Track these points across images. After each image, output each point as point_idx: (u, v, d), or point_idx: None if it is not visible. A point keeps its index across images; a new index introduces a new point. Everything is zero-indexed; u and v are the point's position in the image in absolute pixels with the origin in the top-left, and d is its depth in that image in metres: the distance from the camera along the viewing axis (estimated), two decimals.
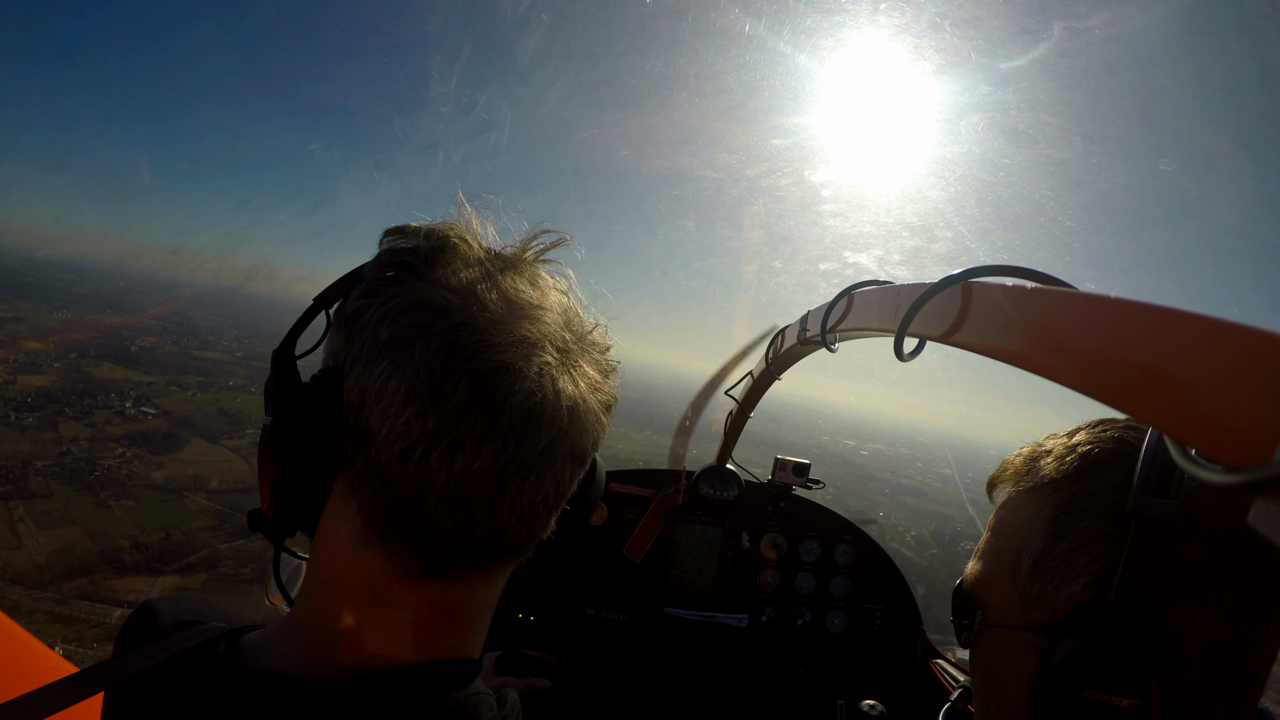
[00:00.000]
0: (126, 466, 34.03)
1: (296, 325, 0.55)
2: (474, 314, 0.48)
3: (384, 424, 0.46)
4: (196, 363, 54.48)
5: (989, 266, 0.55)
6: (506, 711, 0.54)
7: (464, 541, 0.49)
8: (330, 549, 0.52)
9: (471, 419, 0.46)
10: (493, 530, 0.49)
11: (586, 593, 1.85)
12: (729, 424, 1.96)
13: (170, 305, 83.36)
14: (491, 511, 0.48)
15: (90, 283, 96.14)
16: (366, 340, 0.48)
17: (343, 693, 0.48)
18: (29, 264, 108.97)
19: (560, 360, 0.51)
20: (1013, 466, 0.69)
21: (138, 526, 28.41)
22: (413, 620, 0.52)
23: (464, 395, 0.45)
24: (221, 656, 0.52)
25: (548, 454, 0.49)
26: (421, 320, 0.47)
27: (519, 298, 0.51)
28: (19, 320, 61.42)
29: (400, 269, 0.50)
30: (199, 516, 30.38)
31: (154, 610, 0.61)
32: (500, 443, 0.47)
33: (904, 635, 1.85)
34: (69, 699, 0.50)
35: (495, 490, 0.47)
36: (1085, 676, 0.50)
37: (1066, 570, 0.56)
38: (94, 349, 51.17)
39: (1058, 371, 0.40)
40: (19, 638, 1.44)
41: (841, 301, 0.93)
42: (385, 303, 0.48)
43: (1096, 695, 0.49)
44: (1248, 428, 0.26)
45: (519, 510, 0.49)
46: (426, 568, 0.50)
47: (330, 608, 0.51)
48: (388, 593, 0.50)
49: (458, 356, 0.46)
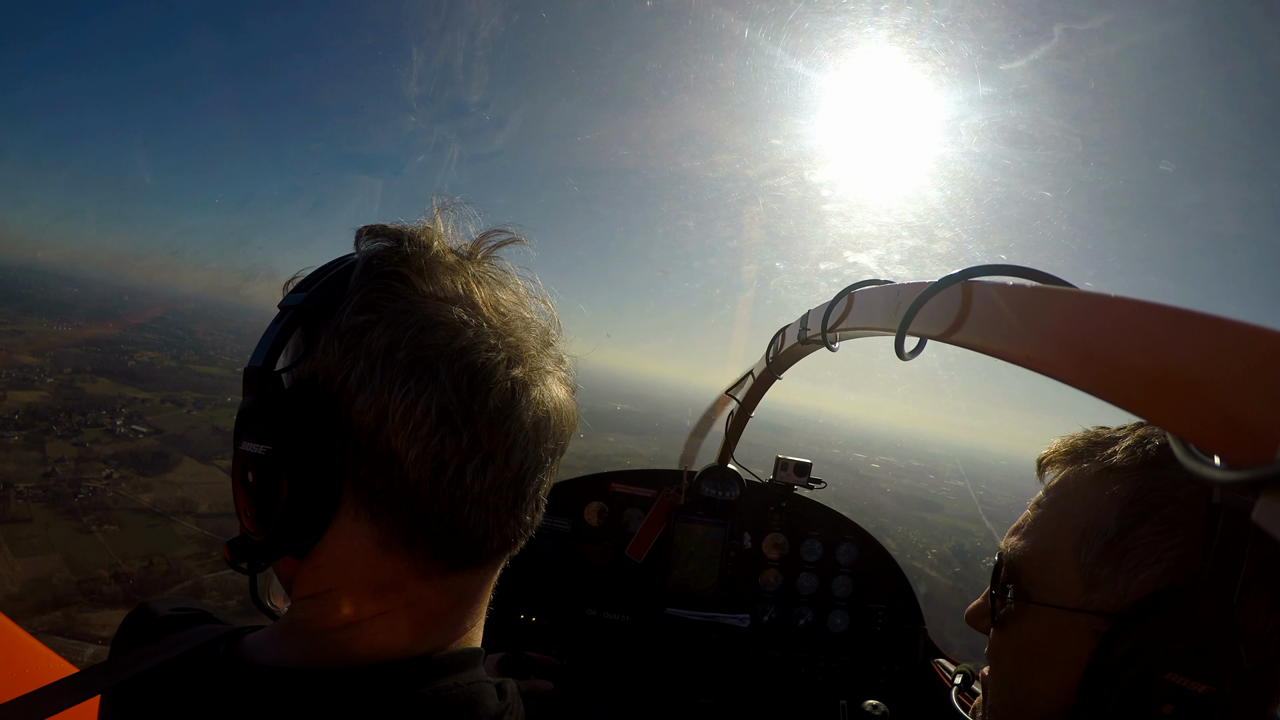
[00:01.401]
0: (113, 489, 32.96)
1: (276, 341, 0.52)
2: (481, 330, 0.51)
3: (413, 446, 0.48)
4: (195, 378, 53.80)
5: (989, 266, 0.56)
6: (509, 702, 0.55)
7: (494, 540, 0.53)
8: (338, 558, 0.51)
9: (500, 433, 0.50)
10: (515, 526, 0.55)
11: (588, 594, 1.85)
12: (730, 424, 1.96)
13: (160, 310, 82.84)
14: (515, 511, 0.54)
15: (92, 294, 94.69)
16: (376, 360, 0.48)
17: (349, 682, 0.49)
18: (30, 273, 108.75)
19: (546, 363, 0.56)
20: (1071, 446, 0.68)
21: (119, 554, 27.29)
22: (432, 612, 0.54)
23: (492, 413, 0.49)
24: (224, 655, 0.52)
25: (553, 454, 0.56)
26: (437, 340, 0.49)
27: (503, 305, 0.55)
28: (18, 334, 60.34)
29: (392, 279, 0.50)
30: (185, 543, 29.23)
31: (151, 610, 0.61)
32: (523, 451, 0.52)
33: (906, 635, 1.85)
34: (70, 700, 0.50)
35: (519, 493, 0.53)
36: (1167, 660, 0.51)
37: (1145, 555, 0.56)
38: (90, 364, 50.77)
39: (1059, 370, 0.40)
40: (19, 639, 1.43)
41: (842, 301, 0.93)
42: (394, 322, 0.48)
43: (1177, 679, 0.50)
44: (1251, 425, 0.26)
45: (534, 505, 0.56)
46: (451, 564, 0.52)
47: (343, 607, 0.51)
48: (411, 589, 0.52)
49: (480, 376, 0.49)
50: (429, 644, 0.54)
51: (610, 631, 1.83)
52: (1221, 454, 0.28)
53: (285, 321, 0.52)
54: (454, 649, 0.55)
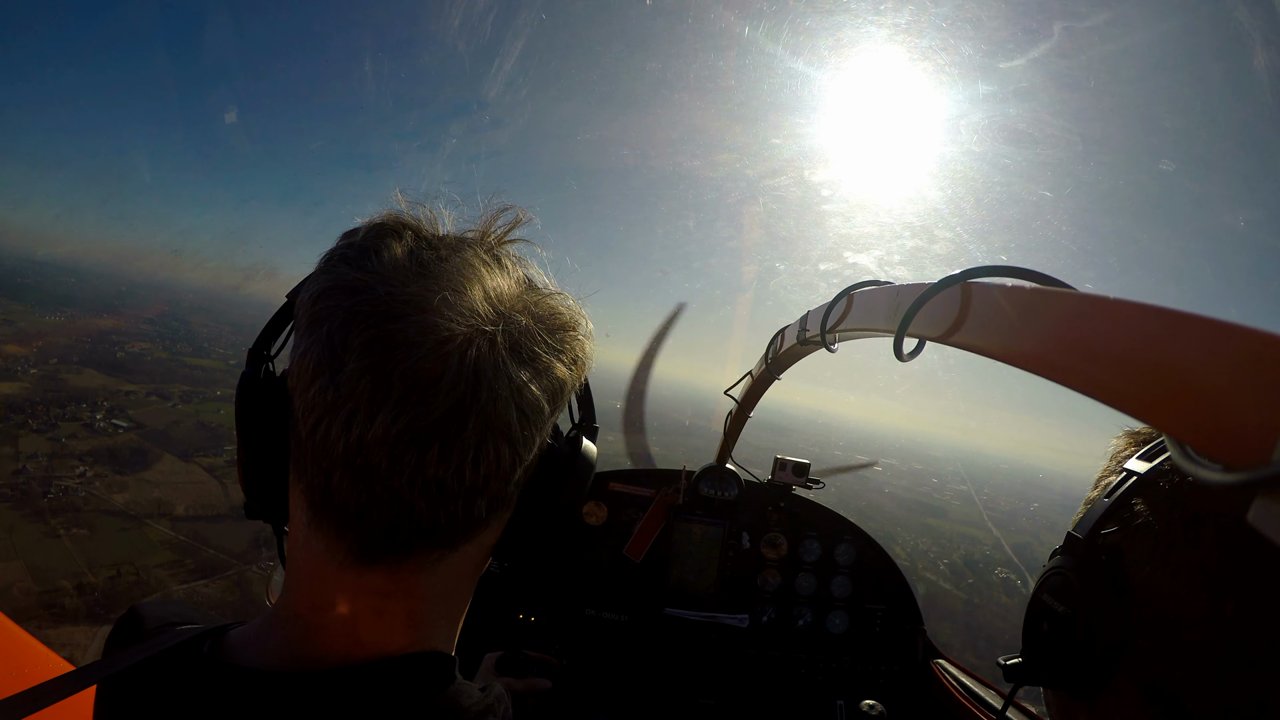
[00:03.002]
0: (85, 488, 30.59)
1: (270, 322, 0.60)
2: (380, 290, 0.47)
3: (299, 400, 0.49)
4: (185, 370, 51.61)
5: (988, 267, 0.56)
6: (490, 700, 0.53)
7: (372, 519, 0.48)
8: (291, 538, 0.53)
9: (363, 385, 0.45)
10: (400, 509, 0.47)
11: (587, 593, 1.85)
12: (729, 423, 1.97)
13: (160, 308, 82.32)
14: (392, 487, 0.46)
15: (90, 286, 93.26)
16: (298, 328, 0.51)
17: (317, 686, 0.49)
18: (28, 264, 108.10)
19: (484, 333, 0.48)
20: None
21: (86, 562, 24.98)
22: (370, 610, 0.51)
23: (355, 363, 0.45)
24: (205, 654, 0.53)
25: (449, 424, 0.46)
26: (334, 301, 0.48)
27: (446, 273, 0.50)
28: (8, 324, 58.66)
29: (337, 261, 0.51)
30: (157, 549, 27.09)
31: (141, 614, 0.62)
32: (393, 410, 0.45)
33: (905, 635, 1.85)
34: (60, 695, 0.51)
35: (391, 461, 0.45)
36: (1045, 584, 0.60)
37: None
38: (78, 354, 48.50)
39: (1057, 372, 0.41)
40: (18, 637, 1.44)
41: (841, 302, 0.93)
42: (310, 290, 0.50)
43: (1048, 599, 0.59)
44: (1246, 426, 0.26)
45: (422, 486, 0.47)
46: (358, 552, 0.49)
47: (297, 600, 0.52)
48: (333, 580, 0.50)
49: (356, 327, 0.46)
50: (386, 646, 0.51)
51: (609, 631, 1.83)
52: (1218, 456, 0.28)
53: (281, 307, 0.59)
54: (418, 652, 0.52)
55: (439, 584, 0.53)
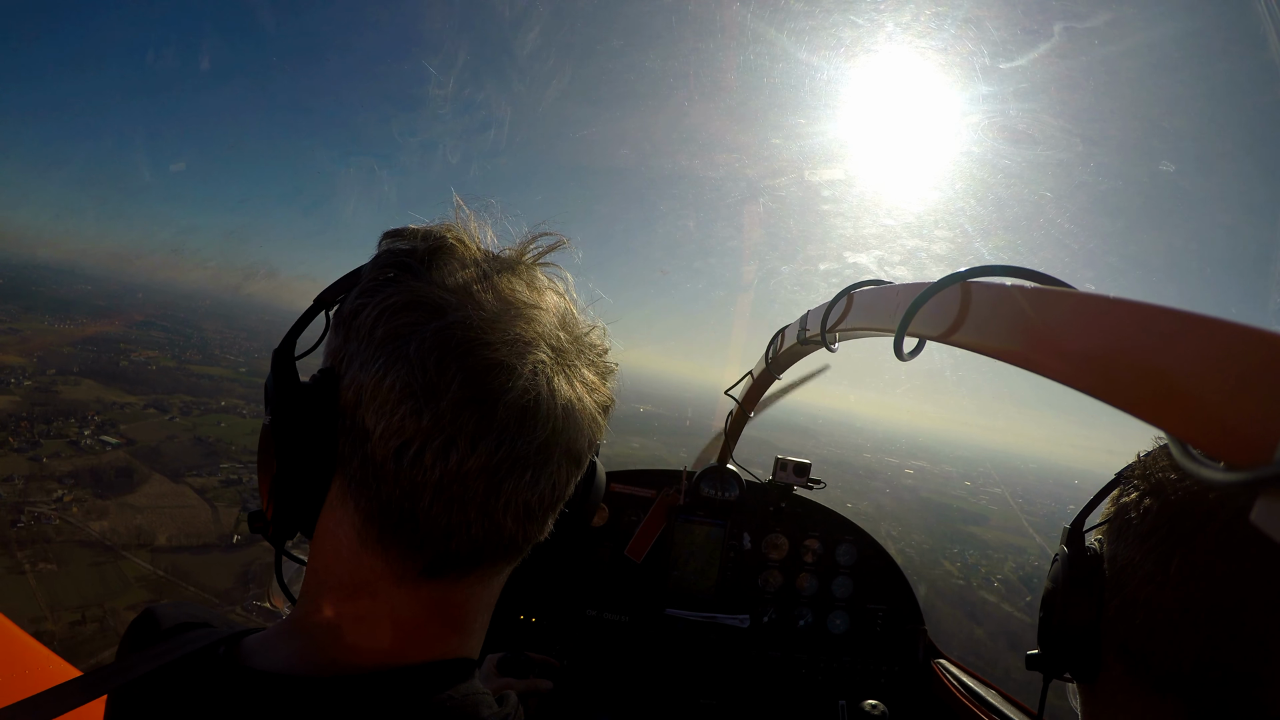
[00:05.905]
0: (61, 515, 27.50)
1: (296, 325, 0.56)
2: (469, 312, 0.48)
3: (379, 421, 0.46)
4: (191, 380, 49.47)
5: (988, 266, 0.56)
6: (508, 710, 0.54)
7: (459, 540, 0.49)
8: (329, 549, 0.52)
9: (466, 416, 0.46)
10: (489, 530, 0.49)
11: (588, 594, 1.85)
12: (729, 424, 1.96)
13: (159, 308, 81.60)
14: (486, 510, 0.48)
15: (104, 294, 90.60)
16: (363, 339, 0.49)
17: (340, 691, 0.49)
18: (31, 269, 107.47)
19: (555, 360, 0.51)
20: None
21: (49, 602, 22.25)
22: (411, 621, 0.52)
23: (458, 392, 0.46)
24: (222, 658, 0.53)
25: (542, 452, 0.49)
26: (416, 318, 0.47)
27: (514, 298, 0.51)
28: (14, 332, 56.92)
29: (398, 269, 0.51)
30: (131, 587, 24.26)
31: (157, 615, 0.61)
32: (495, 440, 0.46)
33: (906, 635, 1.85)
34: (75, 701, 0.50)
35: (489, 488, 0.47)
36: (1047, 576, 0.70)
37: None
38: (79, 364, 46.66)
39: (1057, 371, 0.40)
40: (23, 642, 1.44)
41: (841, 301, 0.93)
42: (381, 302, 0.49)
43: (1047, 587, 0.68)
44: (1248, 426, 0.26)
45: (514, 509, 0.49)
46: (424, 568, 0.50)
47: (329, 608, 0.52)
48: (386, 594, 0.50)
49: (452, 353, 0.46)
50: (415, 654, 0.52)
51: (610, 632, 1.82)
52: (1220, 455, 0.28)
53: (308, 309, 0.56)
54: (441, 660, 0.53)
55: (489, 594, 0.56)
